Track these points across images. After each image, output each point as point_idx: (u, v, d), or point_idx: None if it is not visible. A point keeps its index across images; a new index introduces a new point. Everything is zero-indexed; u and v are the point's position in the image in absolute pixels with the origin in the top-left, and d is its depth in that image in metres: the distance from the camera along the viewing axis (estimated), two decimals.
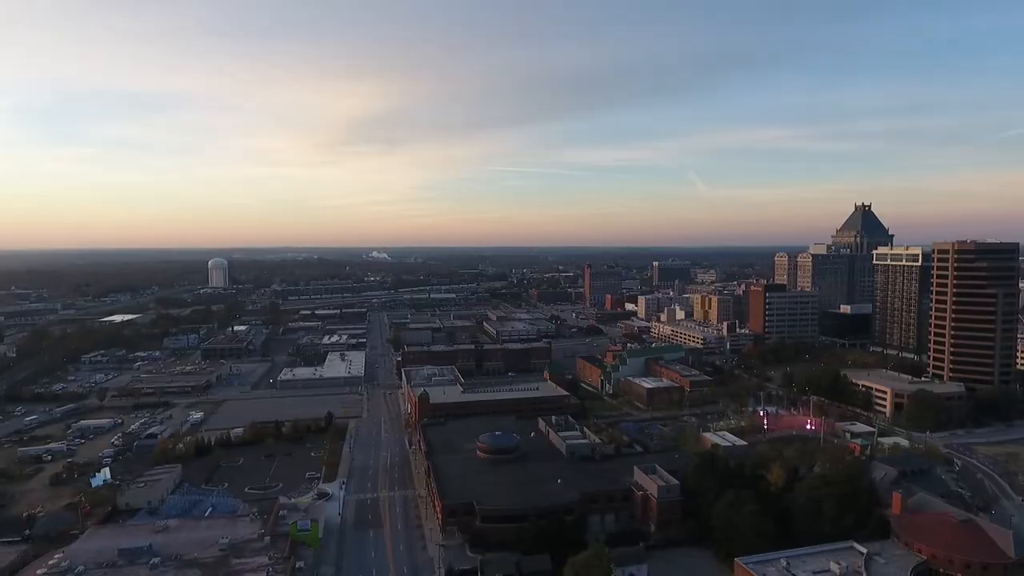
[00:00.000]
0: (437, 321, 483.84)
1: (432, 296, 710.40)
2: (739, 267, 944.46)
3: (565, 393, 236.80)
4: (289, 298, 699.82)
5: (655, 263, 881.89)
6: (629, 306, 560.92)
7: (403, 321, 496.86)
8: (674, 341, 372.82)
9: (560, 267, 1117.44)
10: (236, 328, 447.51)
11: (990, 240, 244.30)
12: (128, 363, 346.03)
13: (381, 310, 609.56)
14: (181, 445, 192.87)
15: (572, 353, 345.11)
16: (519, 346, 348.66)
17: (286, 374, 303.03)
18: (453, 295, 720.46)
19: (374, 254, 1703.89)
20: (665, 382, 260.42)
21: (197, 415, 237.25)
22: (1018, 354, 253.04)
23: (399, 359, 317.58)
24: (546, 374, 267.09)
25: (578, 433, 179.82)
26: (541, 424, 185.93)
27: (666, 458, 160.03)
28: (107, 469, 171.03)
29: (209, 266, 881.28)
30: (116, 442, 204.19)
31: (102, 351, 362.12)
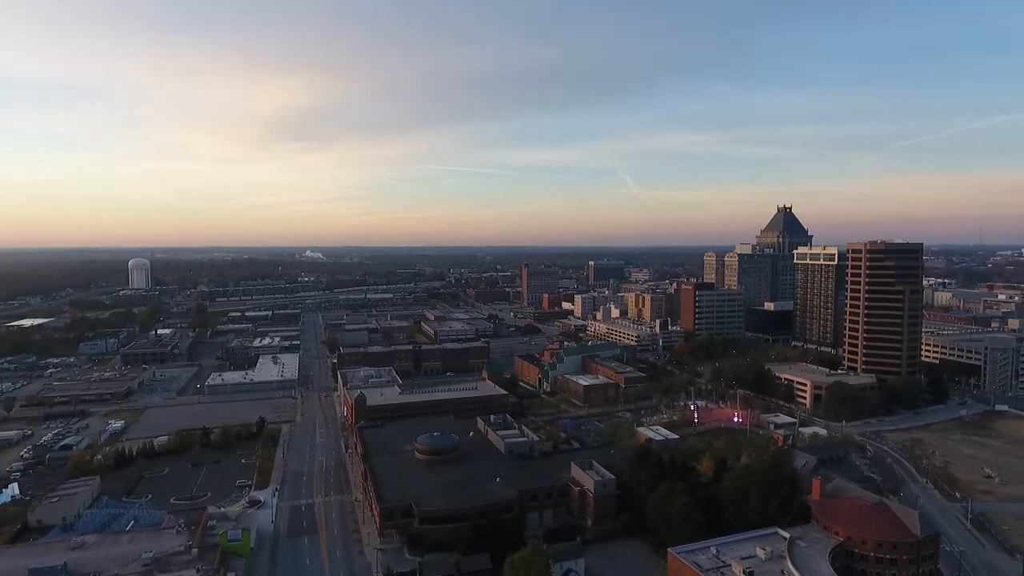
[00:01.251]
0: (374, 322, 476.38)
1: (369, 296, 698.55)
2: (671, 266, 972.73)
3: (503, 392, 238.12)
4: (217, 300, 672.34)
5: (591, 263, 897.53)
6: (566, 305, 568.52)
7: (339, 322, 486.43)
8: (610, 339, 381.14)
9: (498, 267, 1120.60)
10: (159, 331, 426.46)
11: (898, 241, 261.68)
12: (39, 370, 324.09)
13: (316, 311, 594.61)
14: (99, 456, 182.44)
15: (510, 352, 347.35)
16: (457, 346, 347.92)
17: (214, 379, 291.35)
18: (390, 295, 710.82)
19: (308, 254, 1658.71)
20: (601, 379, 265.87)
21: (117, 424, 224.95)
22: (922, 347, 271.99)
23: (335, 361, 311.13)
24: (484, 373, 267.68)
25: (516, 432, 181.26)
26: (480, 423, 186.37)
27: (602, 454, 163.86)
28: (15, 484, 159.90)
29: (129, 266, 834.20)
30: (25, 455, 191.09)
31: (9, 357, 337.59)
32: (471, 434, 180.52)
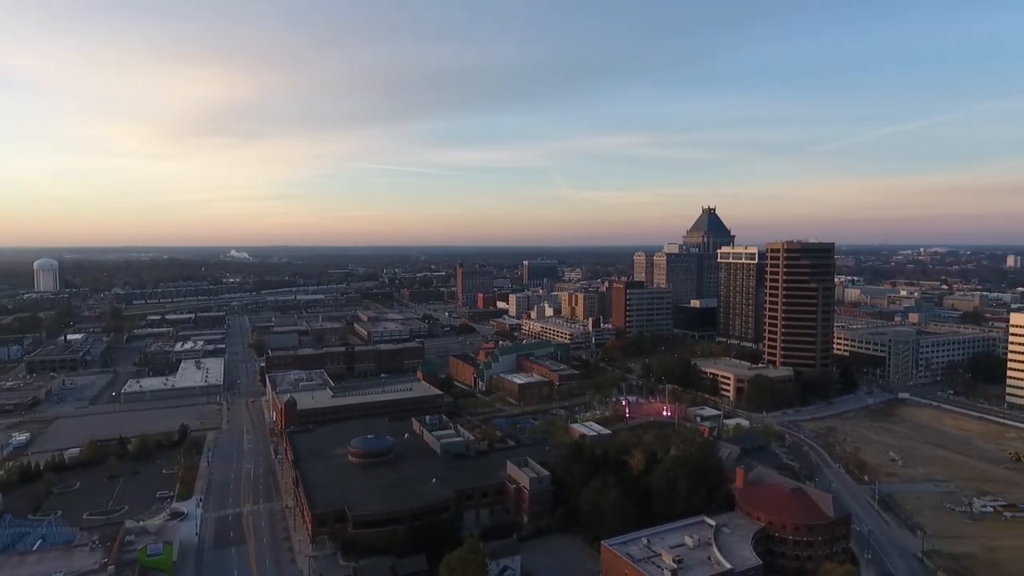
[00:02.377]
0: (304, 324, 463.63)
1: (298, 298, 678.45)
2: (602, 265, 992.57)
3: (438, 392, 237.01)
4: (134, 302, 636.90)
5: (525, 262, 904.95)
6: (501, 304, 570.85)
7: (267, 324, 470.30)
8: (544, 337, 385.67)
9: (432, 266, 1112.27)
10: (69, 337, 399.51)
11: (812, 241, 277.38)
12: None
13: (242, 313, 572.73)
14: (1, 472, 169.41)
15: (445, 352, 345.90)
16: (391, 347, 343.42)
17: (131, 386, 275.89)
18: (321, 296, 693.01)
19: (233, 253, 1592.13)
20: (536, 377, 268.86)
21: (21, 436, 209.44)
22: (834, 340, 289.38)
23: (263, 364, 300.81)
24: (419, 374, 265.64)
25: (452, 432, 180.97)
26: (415, 424, 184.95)
27: (537, 451, 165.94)
28: None
29: (35, 267, 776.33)
30: None
31: None
32: (406, 436, 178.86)
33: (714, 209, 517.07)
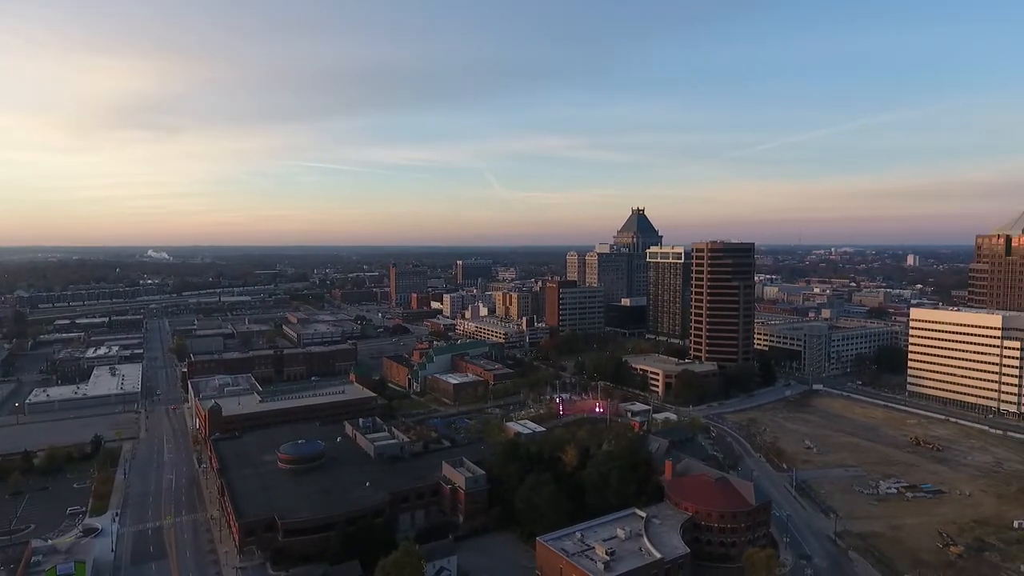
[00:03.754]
0: (230, 326, 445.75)
1: (223, 299, 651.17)
2: (536, 265, 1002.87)
3: (372, 394, 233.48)
4: (40, 306, 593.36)
5: (459, 262, 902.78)
6: (435, 304, 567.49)
7: (189, 328, 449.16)
8: (478, 337, 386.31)
9: (365, 267, 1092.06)
10: None
11: (734, 241, 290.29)
12: None
13: (162, 316, 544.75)
14: None
15: (379, 353, 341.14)
16: (322, 349, 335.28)
17: (38, 395, 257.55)
18: (248, 298, 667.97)
19: (151, 254, 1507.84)
20: (470, 377, 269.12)
21: None
22: (755, 336, 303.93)
23: (185, 370, 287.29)
24: (352, 376, 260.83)
25: (386, 434, 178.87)
26: (348, 428, 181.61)
27: (473, 450, 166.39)
28: None
29: None
30: None
31: None
32: (339, 439, 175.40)
33: (643, 210, 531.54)
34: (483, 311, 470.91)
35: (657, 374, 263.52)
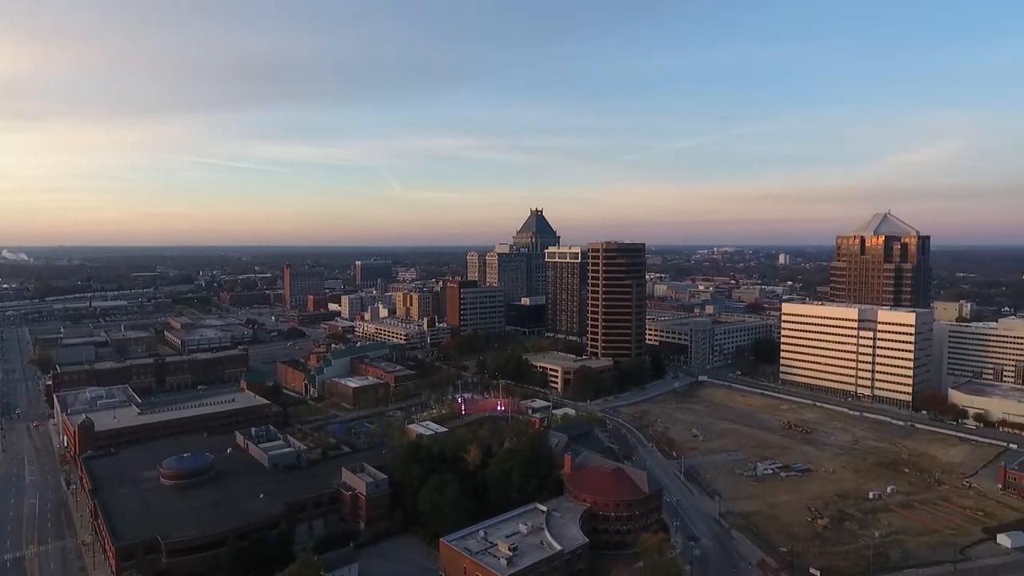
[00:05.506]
0: (103, 334, 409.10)
1: (95, 304, 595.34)
2: (436, 265, 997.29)
3: (265, 402, 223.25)
4: None
5: (358, 262, 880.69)
6: (333, 306, 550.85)
7: (54, 336, 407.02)
8: (379, 339, 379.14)
9: (256, 268, 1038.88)
10: None
11: (626, 242, 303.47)
12: None
13: (20, 324, 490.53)
14: None
15: (273, 359, 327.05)
16: (210, 355, 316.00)
17: None
18: (124, 302, 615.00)
19: (6, 255, 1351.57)
20: (371, 380, 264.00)
21: None
22: (647, 332, 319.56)
23: (49, 383, 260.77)
24: (243, 383, 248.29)
25: (281, 443, 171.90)
26: (239, 438, 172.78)
27: (374, 454, 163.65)
28: None
29: None
30: None
31: None
32: (229, 451, 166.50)
33: (541, 211, 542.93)
34: (383, 312, 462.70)
35: (556, 371, 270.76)
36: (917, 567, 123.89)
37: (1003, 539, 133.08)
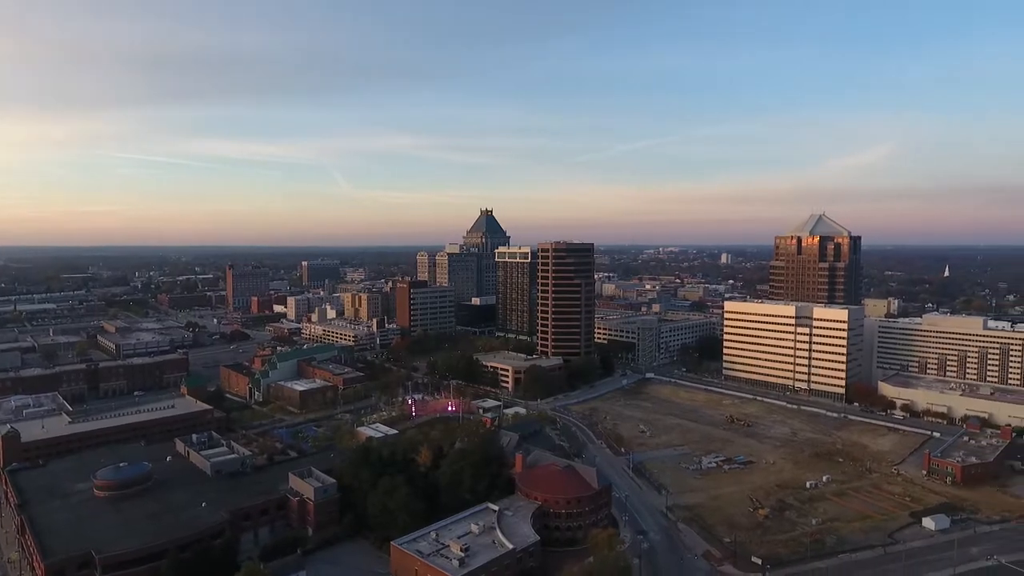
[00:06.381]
0: (29, 339, 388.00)
1: (20, 308, 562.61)
2: (386, 266, 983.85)
3: (207, 407, 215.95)
4: None
5: (304, 263, 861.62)
6: (278, 308, 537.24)
7: None
8: (327, 340, 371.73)
9: (197, 268, 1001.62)
10: None
11: (575, 242, 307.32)
12: None
13: None
14: None
15: (215, 362, 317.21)
16: (147, 360, 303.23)
17: None
18: (53, 305, 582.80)
19: None
20: (318, 382, 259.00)
21: None
22: (596, 330, 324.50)
23: None
24: (184, 389, 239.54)
25: (225, 449, 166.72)
26: (180, 445, 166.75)
27: (322, 459, 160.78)
28: None
29: None
30: None
31: None
32: (169, 459, 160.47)
33: (491, 211, 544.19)
34: (331, 313, 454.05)
35: (507, 370, 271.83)
36: (851, 552, 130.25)
37: (928, 522, 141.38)
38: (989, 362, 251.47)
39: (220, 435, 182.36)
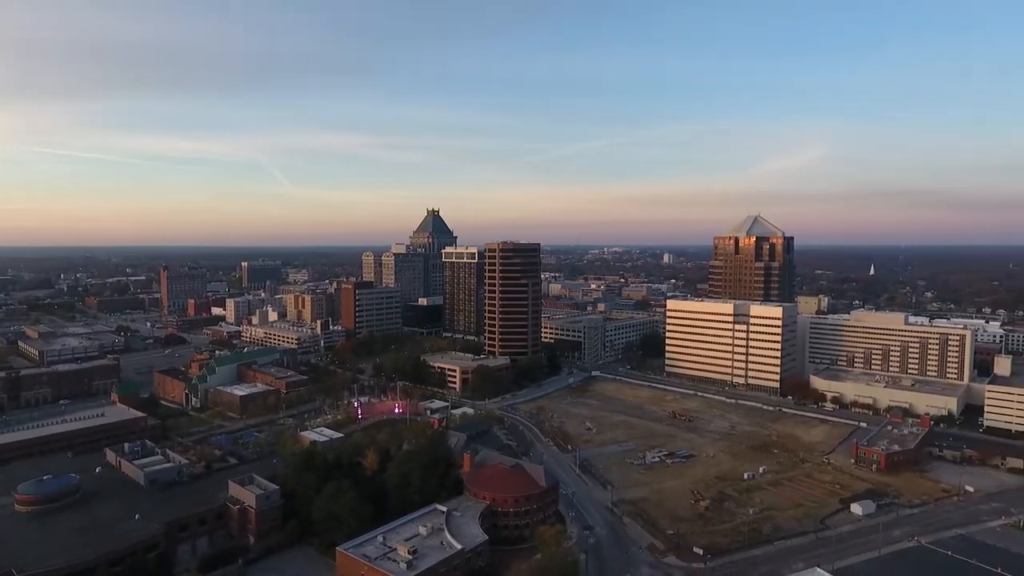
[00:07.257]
0: None
1: None
2: (330, 266, 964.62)
3: (140, 415, 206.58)
4: None
5: (244, 263, 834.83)
6: (216, 310, 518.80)
7: None
8: (268, 344, 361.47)
9: (128, 270, 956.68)
10: None
11: (522, 242, 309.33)
12: None
13: None
14: None
15: (149, 368, 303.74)
16: (74, 367, 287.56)
17: None
18: None
19: None
20: (260, 387, 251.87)
21: None
22: (542, 329, 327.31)
23: None
24: (114, 396, 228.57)
25: (159, 458, 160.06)
26: (110, 455, 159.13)
27: (264, 465, 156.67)
28: None
29: None
30: None
31: None
32: (98, 470, 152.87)
33: (438, 211, 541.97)
34: (273, 316, 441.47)
35: (455, 371, 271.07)
36: (785, 538, 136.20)
37: (855, 508, 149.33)
38: (910, 356, 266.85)
39: (155, 443, 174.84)
